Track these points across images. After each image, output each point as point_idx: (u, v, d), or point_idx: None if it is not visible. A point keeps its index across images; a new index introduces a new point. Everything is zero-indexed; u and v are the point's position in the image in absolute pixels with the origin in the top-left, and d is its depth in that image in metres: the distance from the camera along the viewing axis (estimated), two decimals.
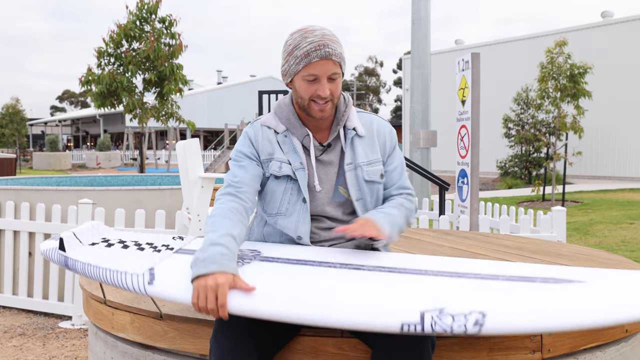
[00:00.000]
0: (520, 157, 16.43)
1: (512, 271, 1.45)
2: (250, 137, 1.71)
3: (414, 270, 1.47)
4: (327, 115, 1.64)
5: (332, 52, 1.57)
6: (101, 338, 1.89)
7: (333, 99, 1.63)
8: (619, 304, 1.24)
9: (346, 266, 1.48)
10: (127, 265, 1.50)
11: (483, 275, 1.41)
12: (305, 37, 1.58)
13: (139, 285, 1.43)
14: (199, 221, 3.54)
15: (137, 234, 1.80)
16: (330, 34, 1.60)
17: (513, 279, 1.38)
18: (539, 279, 1.38)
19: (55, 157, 27.95)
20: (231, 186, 1.64)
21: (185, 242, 1.71)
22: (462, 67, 4.60)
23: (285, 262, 1.50)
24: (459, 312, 1.21)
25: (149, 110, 14.31)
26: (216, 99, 38.43)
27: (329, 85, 1.60)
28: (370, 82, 64.39)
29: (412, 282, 1.38)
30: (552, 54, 11.14)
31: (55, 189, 4.52)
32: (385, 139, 1.78)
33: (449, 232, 3.36)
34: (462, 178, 4.62)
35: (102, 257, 1.56)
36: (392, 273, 1.43)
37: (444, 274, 1.43)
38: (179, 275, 1.44)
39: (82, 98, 74.57)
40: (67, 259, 1.58)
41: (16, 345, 3.57)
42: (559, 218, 3.83)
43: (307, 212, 1.67)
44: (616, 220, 8.46)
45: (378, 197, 1.76)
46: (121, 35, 13.66)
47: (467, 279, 1.38)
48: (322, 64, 1.57)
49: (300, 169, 1.67)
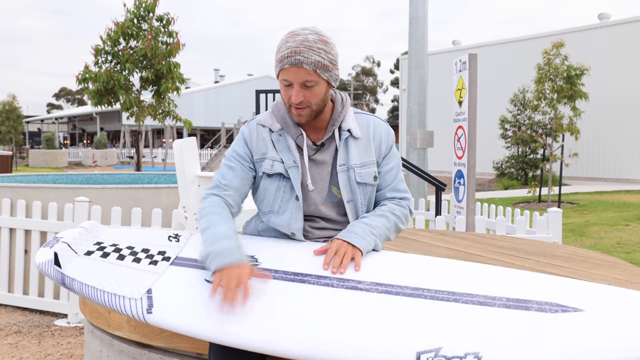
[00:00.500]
0: (517, 158, 16.47)
1: (508, 292, 1.41)
2: (245, 136, 1.74)
3: (410, 290, 1.43)
4: (305, 120, 1.64)
5: (304, 61, 1.55)
6: (97, 336, 1.89)
7: (311, 105, 1.61)
8: (621, 339, 1.19)
9: (343, 284, 1.45)
10: (124, 284, 1.48)
11: (479, 299, 1.38)
12: (286, 42, 1.58)
13: (137, 312, 1.41)
14: (196, 220, 3.55)
15: (132, 233, 1.75)
16: (313, 40, 1.57)
17: (509, 304, 1.36)
18: (534, 306, 1.34)
19: (52, 155, 27.87)
20: (218, 187, 1.70)
21: (181, 243, 1.69)
22: (460, 68, 4.61)
23: (283, 279, 1.48)
24: (455, 354, 1.21)
25: (146, 108, 14.29)
26: (213, 98, 38.37)
27: (303, 92, 1.59)
28: (367, 82, 64.44)
29: (408, 309, 1.36)
30: (549, 56, 11.17)
31: (51, 187, 4.51)
32: (382, 140, 1.77)
33: (445, 233, 3.37)
34: (459, 179, 4.64)
35: (99, 273, 1.53)
36: (388, 295, 1.40)
37: (439, 297, 1.40)
38: (178, 299, 1.42)
39: (79, 96, 74.40)
40: (64, 276, 1.54)
41: (12, 343, 3.56)
42: (554, 219, 3.84)
43: (299, 210, 1.68)
44: (612, 222, 8.49)
45: (370, 199, 1.76)
46: (119, 33, 13.64)
47: (463, 304, 1.36)
48: (293, 71, 1.56)
49: (293, 167, 1.68)
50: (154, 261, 1.58)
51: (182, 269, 1.55)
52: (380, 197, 1.80)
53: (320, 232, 1.74)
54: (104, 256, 1.61)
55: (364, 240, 1.59)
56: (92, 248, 1.65)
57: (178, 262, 1.58)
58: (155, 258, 1.60)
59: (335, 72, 1.63)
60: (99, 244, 1.68)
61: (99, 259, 1.60)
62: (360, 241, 1.58)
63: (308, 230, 1.73)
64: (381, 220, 1.69)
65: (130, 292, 1.44)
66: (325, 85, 1.62)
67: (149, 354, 1.71)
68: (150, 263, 1.57)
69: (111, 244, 1.68)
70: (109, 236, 1.72)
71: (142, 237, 1.73)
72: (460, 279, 1.47)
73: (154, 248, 1.65)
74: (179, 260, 1.59)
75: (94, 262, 1.58)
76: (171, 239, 1.72)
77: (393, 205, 1.77)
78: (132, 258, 1.60)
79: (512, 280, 1.46)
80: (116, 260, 1.59)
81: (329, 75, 1.61)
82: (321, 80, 1.60)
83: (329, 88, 1.65)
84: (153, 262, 1.58)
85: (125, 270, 1.55)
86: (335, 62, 1.62)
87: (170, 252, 1.63)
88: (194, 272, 1.52)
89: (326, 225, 1.74)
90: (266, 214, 1.73)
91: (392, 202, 1.78)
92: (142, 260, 1.59)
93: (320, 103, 1.64)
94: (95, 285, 1.48)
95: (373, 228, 1.64)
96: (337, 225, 1.75)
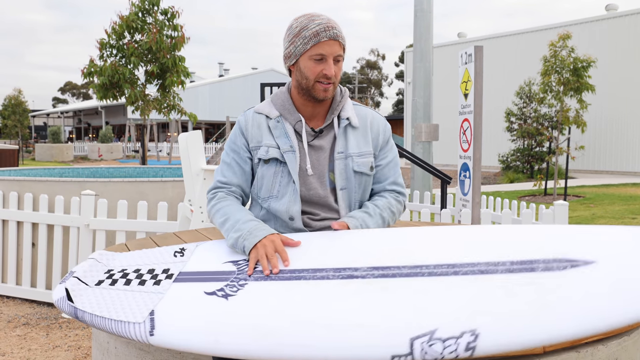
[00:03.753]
0: (523, 151, 16.40)
1: (512, 254, 1.34)
2: (241, 125, 1.78)
3: (407, 270, 1.39)
4: (330, 96, 1.69)
5: (339, 35, 1.65)
6: None
7: (336, 81, 1.68)
8: (637, 288, 1.09)
9: (339, 273, 1.43)
10: (129, 309, 1.48)
11: (480, 267, 1.32)
12: (312, 20, 1.65)
13: (141, 336, 1.40)
14: (201, 213, 3.56)
15: (140, 255, 1.73)
16: (335, 21, 1.68)
17: (513, 268, 1.29)
18: (541, 266, 1.27)
19: (58, 149, 27.98)
20: (219, 187, 1.78)
21: (186, 257, 1.68)
22: (465, 60, 4.59)
23: (280, 279, 1.46)
24: (450, 335, 1.16)
25: (151, 102, 14.30)
26: (218, 92, 38.37)
27: (334, 66, 1.66)
28: (372, 75, 64.24)
29: (404, 292, 1.32)
30: (555, 48, 11.09)
31: (58, 180, 4.53)
32: (379, 132, 1.80)
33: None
34: (464, 172, 4.62)
35: (106, 302, 1.54)
36: (384, 279, 1.37)
37: (438, 272, 1.35)
38: (180, 317, 1.40)
39: (84, 90, 74.54)
40: (76, 310, 1.54)
41: (20, 335, 3.59)
42: (561, 212, 3.83)
43: (297, 194, 1.70)
44: (618, 215, 8.46)
45: (365, 189, 1.78)
46: (123, 26, 13.63)
47: (462, 276, 1.31)
48: (330, 44, 1.63)
49: (289, 151, 1.71)
50: (158, 281, 1.58)
51: (184, 284, 1.53)
52: (380, 189, 1.82)
53: (320, 224, 1.75)
54: (113, 283, 1.61)
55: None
56: (102, 277, 1.66)
57: (180, 278, 1.57)
58: (160, 277, 1.60)
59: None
60: (109, 272, 1.68)
61: (108, 287, 1.61)
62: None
63: (306, 222, 1.74)
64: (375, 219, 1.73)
65: (134, 317, 1.44)
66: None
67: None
68: (155, 284, 1.57)
69: (120, 269, 1.68)
70: (118, 262, 1.72)
71: (149, 258, 1.72)
72: (464, 246, 1.40)
73: (159, 267, 1.65)
74: (181, 276, 1.58)
75: (102, 292, 1.59)
76: (177, 255, 1.72)
77: (392, 201, 1.80)
78: (138, 281, 1.60)
79: (519, 238, 1.39)
80: (123, 287, 1.60)
81: (345, 55, 1.71)
82: (344, 56, 1.69)
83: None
84: (157, 282, 1.57)
85: (131, 295, 1.55)
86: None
87: (174, 269, 1.63)
88: (195, 286, 1.50)
89: (326, 216, 1.75)
90: (266, 200, 1.75)
91: (391, 196, 1.81)
92: (147, 282, 1.59)
93: (338, 82, 1.72)
94: (102, 315, 1.49)
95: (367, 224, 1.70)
96: (336, 214, 1.76)
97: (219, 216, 1.68)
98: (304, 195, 1.73)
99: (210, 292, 1.44)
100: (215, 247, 1.72)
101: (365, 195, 1.79)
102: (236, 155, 1.77)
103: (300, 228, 1.72)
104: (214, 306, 1.40)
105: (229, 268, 1.55)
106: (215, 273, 1.55)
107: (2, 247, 4.47)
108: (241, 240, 1.56)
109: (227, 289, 1.46)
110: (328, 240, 1.61)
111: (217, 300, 1.42)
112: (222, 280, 1.50)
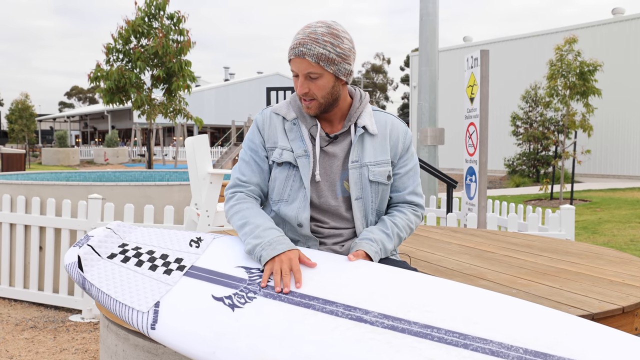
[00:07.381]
0: (529, 155, 16.35)
1: (527, 341, 1.23)
2: (259, 124, 1.76)
3: (417, 328, 1.30)
4: (313, 113, 1.65)
5: (307, 52, 1.56)
6: (113, 331, 1.91)
7: (317, 98, 1.62)
8: None
9: (349, 312, 1.35)
10: (135, 294, 1.47)
11: (492, 347, 1.22)
12: (297, 34, 1.62)
13: (142, 326, 1.39)
14: (208, 217, 3.57)
15: (157, 234, 1.71)
16: (321, 33, 1.57)
17: (525, 358, 1.19)
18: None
19: (64, 153, 28.11)
20: (239, 185, 1.74)
21: (201, 250, 1.64)
22: (471, 64, 4.59)
23: (289, 301, 1.41)
24: None
25: (157, 106, 14.37)
26: (223, 96, 38.48)
27: (308, 84, 1.60)
28: (377, 79, 64.26)
29: (410, 353, 1.23)
30: (561, 52, 11.06)
31: (65, 184, 4.56)
32: (398, 140, 1.74)
33: (457, 230, 3.36)
34: (470, 176, 4.62)
35: (115, 280, 1.53)
36: (392, 332, 1.29)
37: (448, 340, 1.26)
38: (182, 317, 1.39)
39: (91, 94, 74.90)
40: (84, 280, 1.55)
41: (28, 338, 3.61)
42: (567, 216, 3.82)
43: (307, 200, 1.68)
44: (625, 219, 8.41)
45: (383, 198, 1.74)
46: (130, 31, 13.72)
47: (471, 352, 1.21)
48: (297, 62, 1.59)
49: (303, 156, 1.68)
50: (169, 270, 1.56)
51: (193, 280, 1.51)
52: (399, 200, 1.78)
53: (330, 232, 1.73)
54: (125, 260, 1.60)
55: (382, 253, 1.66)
56: (115, 250, 1.64)
57: (191, 273, 1.54)
58: (171, 266, 1.57)
59: (345, 67, 1.61)
60: (123, 246, 1.66)
61: (119, 263, 1.59)
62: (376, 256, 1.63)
63: (314, 229, 1.72)
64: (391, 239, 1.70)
65: (139, 305, 1.43)
66: (332, 79, 1.60)
67: (164, 348, 1.72)
68: (165, 272, 1.55)
69: (134, 246, 1.65)
70: (134, 237, 1.70)
71: (164, 240, 1.69)
72: (482, 314, 1.31)
73: (173, 254, 1.62)
74: (193, 270, 1.55)
75: (112, 267, 1.58)
76: (192, 244, 1.66)
77: (411, 217, 1.76)
78: (150, 265, 1.58)
79: (539, 321, 1.29)
80: (134, 267, 1.57)
81: (336, 69, 1.59)
82: (326, 73, 1.59)
83: (339, 82, 1.63)
84: (167, 271, 1.55)
85: (141, 278, 1.53)
86: (345, 56, 1.60)
87: (187, 260, 1.59)
88: (204, 286, 1.48)
89: (336, 225, 1.73)
90: (276, 203, 1.73)
91: (410, 210, 1.77)
92: (158, 268, 1.56)
93: (327, 96, 1.63)
94: (109, 293, 1.48)
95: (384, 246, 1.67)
96: (347, 224, 1.73)
97: (237, 218, 1.64)
98: (314, 202, 1.70)
99: (218, 298, 1.42)
100: (232, 244, 1.67)
101: (383, 204, 1.75)
102: (254, 153, 1.74)
103: (308, 235, 1.70)
104: (219, 315, 1.38)
105: (240, 274, 1.51)
106: (227, 277, 1.52)
107: (10, 251, 4.50)
108: (259, 249, 1.52)
109: (235, 298, 1.43)
110: (344, 269, 1.53)
111: (223, 309, 1.40)
112: (231, 287, 1.47)
